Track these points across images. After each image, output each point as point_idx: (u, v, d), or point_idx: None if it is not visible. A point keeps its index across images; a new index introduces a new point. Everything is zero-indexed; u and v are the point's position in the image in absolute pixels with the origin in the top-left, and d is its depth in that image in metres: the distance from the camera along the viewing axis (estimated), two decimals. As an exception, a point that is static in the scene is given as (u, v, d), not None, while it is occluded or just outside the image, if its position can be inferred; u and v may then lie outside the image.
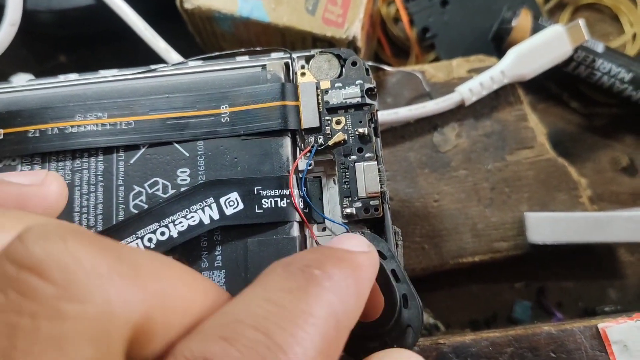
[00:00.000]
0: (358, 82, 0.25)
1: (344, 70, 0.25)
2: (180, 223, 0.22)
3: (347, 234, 0.22)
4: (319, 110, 0.24)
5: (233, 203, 0.23)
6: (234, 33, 0.36)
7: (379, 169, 0.23)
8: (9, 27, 0.34)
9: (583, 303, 0.38)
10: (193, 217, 0.22)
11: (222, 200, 0.23)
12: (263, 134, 0.24)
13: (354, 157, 0.24)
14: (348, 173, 0.24)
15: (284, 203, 0.23)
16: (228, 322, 0.14)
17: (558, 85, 0.42)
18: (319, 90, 0.25)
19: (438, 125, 0.38)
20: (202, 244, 0.23)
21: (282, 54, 0.26)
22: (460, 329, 0.37)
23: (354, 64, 0.25)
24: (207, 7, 0.34)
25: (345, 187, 0.24)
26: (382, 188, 0.23)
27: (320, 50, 0.25)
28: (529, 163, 0.37)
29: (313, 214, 0.24)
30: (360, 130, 0.24)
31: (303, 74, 0.25)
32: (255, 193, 0.23)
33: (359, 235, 0.20)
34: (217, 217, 0.22)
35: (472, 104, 0.37)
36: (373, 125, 0.24)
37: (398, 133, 0.38)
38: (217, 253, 0.22)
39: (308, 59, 0.26)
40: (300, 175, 0.24)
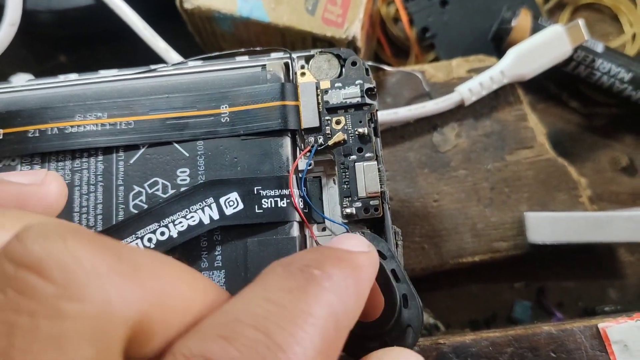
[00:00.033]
0: (358, 82, 0.25)
1: (344, 70, 0.25)
2: (180, 223, 0.22)
3: (347, 234, 0.22)
4: (319, 110, 0.24)
5: (233, 203, 0.23)
6: (234, 33, 0.36)
7: (379, 169, 0.23)
8: (9, 27, 0.34)
9: (583, 303, 0.38)
10: (193, 217, 0.22)
11: (222, 200, 0.22)
12: (263, 134, 0.24)
13: (354, 157, 0.24)
14: (348, 173, 0.24)
15: (284, 203, 0.23)
16: (227, 321, 0.14)
17: (558, 85, 0.42)
18: (319, 90, 0.25)
19: (438, 125, 0.38)
20: (202, 244, 0.22)
21: (282, 54, 0.26)
22: (460, 329, 0.37)
23: (354, 64, 0.25)
24: (207, 7, 0.34)
25: (345, 187, 0.23)
26: (382, 188, 0.23)
27: (320, 50, 0.25)
28: (529, 163, 0.37)
29: (313, 214, 0.24)
30: (360, 130, 0.24)
31: (303, 74, 0.25)
32: (255, 193, 0.23)
33: (359, 235, 0.20)
34: (217, 217, 0.22)
35: (471, 104, 0.37)
36: (373, 125, 0.24)
37: (398, 133, 0.38)
38: (217, 253, 0.22)
39: (308, 59, 0.25)
40: (300, 175, 0.24)
